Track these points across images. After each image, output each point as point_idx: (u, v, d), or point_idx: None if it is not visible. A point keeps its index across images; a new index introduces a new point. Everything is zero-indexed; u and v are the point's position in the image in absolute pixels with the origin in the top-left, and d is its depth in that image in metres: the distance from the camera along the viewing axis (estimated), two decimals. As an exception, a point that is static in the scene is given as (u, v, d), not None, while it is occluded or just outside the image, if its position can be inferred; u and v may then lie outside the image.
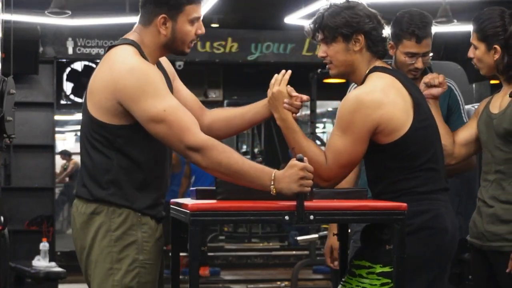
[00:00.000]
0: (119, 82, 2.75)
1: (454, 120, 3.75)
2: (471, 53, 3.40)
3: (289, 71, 2.98)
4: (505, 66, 3.32)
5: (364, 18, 2.96)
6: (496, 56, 3.32)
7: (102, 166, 2.82)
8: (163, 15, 2.84)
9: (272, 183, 2.65)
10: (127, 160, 2.82)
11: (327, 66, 3.05)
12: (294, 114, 2.98)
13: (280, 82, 2.96)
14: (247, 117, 3.06)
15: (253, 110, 3.05)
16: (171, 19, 2.85)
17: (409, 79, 3.13)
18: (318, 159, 2.89)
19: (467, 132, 3.44)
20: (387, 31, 3.11)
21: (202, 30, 2.90)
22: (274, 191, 2.65)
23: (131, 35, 2.90)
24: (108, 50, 2.88)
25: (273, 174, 2.66)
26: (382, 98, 2.90)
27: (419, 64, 3.62)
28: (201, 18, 2.91)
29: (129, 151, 2.82)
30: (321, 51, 3.03)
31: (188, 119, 2.73)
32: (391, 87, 2.94)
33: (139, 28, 2.90)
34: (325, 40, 3.00)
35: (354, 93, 2.96)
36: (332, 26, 2.96)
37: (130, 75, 2.75)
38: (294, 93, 2.96)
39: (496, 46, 3.31)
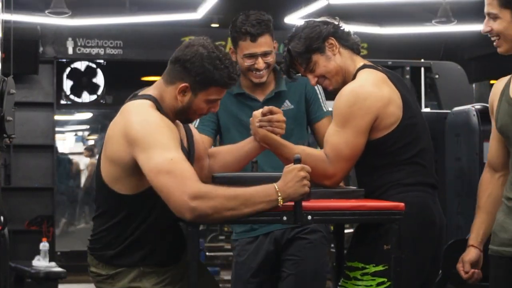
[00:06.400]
0: (132, 132, 2.69)
1: (314, 110, 3.64)
2: (487, 27, 2.81)
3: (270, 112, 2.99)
4: None
5: (322, 24, 3.02)
6: None
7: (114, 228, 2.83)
8: (186, 85, 2.78)
9: (279, 194, 2.59)
10: (133, 223, 2.82)
11: (324, 85, 3.07)
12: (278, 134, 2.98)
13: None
14: (244, 149, 3.09)
15: (242, 143, 3.10)
16: (192, 91, 2.79)
17: (397, 76, 3.11)
18: (319, 158, 2.88)
19: None
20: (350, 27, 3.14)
21: (215, 109, 2.87)
22: (282, 202, 2.59)
23: (150, 90, 2.85)
24: (124, 103, 2.85)
25: (275, 187, 2.60)
26: (377, 92, 2.90)
27: (259, 64, 3.49)
28: (220, 99, 2.86)
29: (136, 219, 2.81)
30: (311, 79, 3.05)
31: (191, 170, 2.64)
32: (382, 82, 2.95)
33: (160, 84, 2.84)
34: (306, 68, 3.03)
35: (348, 87, 2.94)
36: (303, 50, 3.00)
37: (143, 125, 2.69)
38: (265, 110, 2.98)
39: None
